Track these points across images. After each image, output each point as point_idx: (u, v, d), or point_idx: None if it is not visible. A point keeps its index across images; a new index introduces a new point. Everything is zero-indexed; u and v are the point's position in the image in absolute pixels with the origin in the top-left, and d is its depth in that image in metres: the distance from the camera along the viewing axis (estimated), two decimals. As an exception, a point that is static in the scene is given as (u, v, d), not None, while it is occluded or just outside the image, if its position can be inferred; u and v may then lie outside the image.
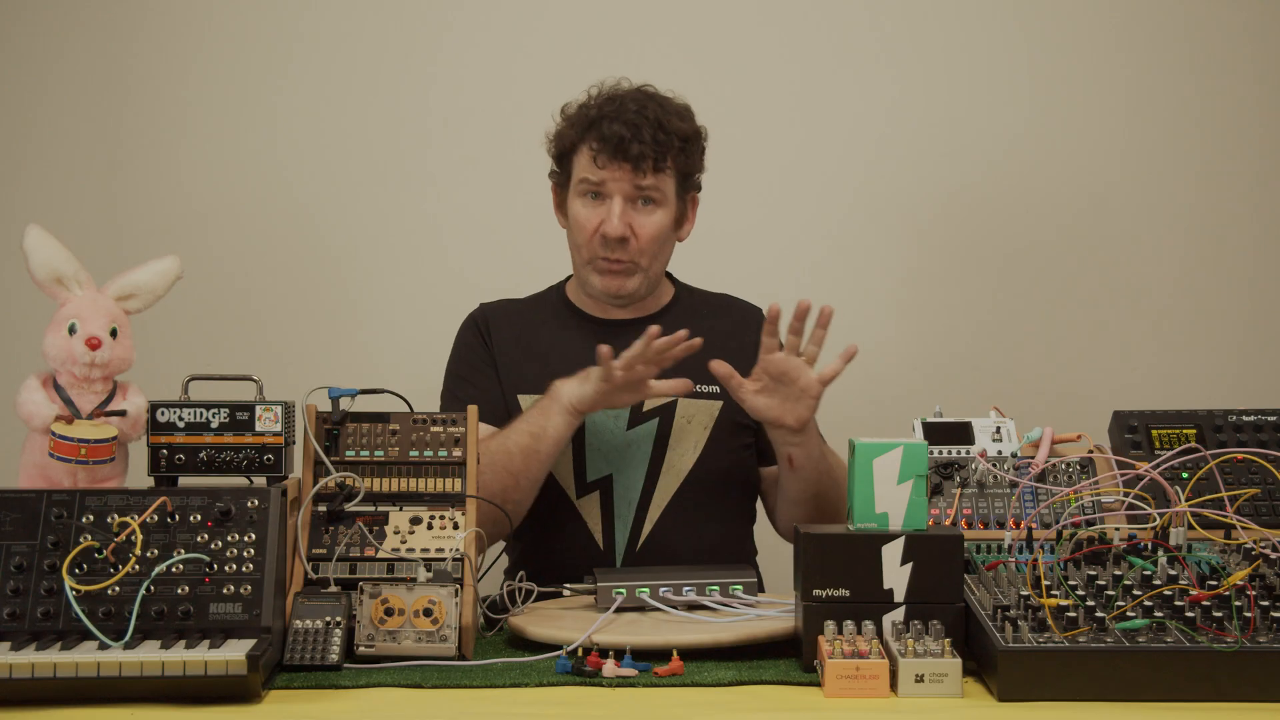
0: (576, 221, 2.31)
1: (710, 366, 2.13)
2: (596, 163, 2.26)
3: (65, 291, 1.84)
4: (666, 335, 2.23)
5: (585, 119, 2.30)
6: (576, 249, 2.34)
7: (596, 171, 2.26)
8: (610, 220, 2.25)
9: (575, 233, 2.32)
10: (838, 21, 3.17)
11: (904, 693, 1.55)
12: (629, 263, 2.30)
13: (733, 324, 2.41)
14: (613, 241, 2.27)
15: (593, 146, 2.27)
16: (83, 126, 3.12)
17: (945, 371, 3.12)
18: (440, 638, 1.71)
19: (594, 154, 2.26)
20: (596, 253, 2.30)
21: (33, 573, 1.67)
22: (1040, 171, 3.17)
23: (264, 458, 1.82)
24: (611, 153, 2.25)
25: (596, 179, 2.27)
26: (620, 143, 2.24)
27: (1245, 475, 2.06)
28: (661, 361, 2.13)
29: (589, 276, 2.33)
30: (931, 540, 1.66)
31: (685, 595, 1.91)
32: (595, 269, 2.31)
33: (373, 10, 3.14)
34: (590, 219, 2.29)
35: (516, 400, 2.32)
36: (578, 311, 2.41)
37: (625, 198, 2.26)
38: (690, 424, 2.30)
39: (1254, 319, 3.17)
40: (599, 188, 2.27)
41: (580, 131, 2.30)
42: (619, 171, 2.25)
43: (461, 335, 2.43)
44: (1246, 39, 3.17)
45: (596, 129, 2.27)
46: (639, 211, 2.28)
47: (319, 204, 3.14)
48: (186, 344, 2.90)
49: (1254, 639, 1.56)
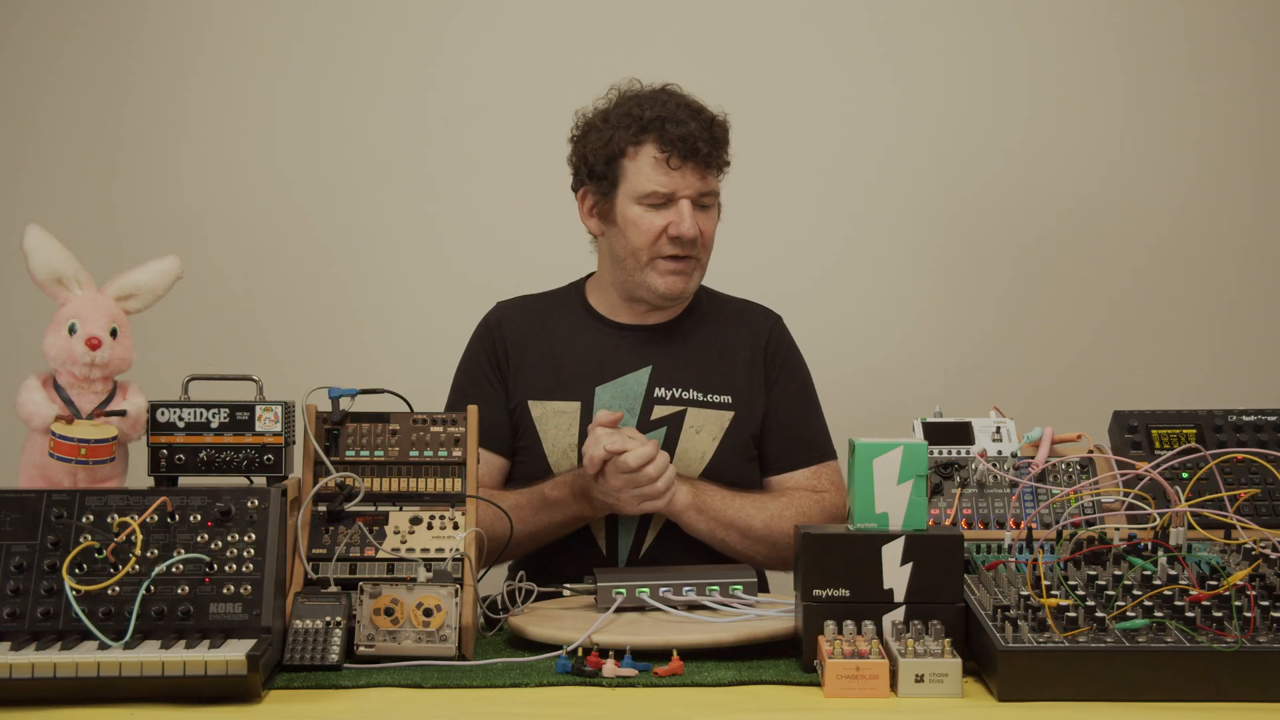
0: (638, 227, 2.23)
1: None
2: (669, 164, 2.21)
3: (65, 291, 1.84)
4: (680, 342, 2.28)
5: (638, 121, 2.23)
6: (633, 253, 2.26)
7: (666, 175, 2.21)
8: (684, 222, 2.20)
9: (635, 237, 2.24)
10: (839, 23, 3.17)
11: (904, 693, 1.55)
12: (694, 260, 2.26)
13: (750, 331, 2.38)
14: (685, 242, 2.23)
15: (661, 149, 2.21)
16: (83, 126, 3.12)
17: (945, 371, 3.12)
18: (440, 638, 1.71)
19: (664, 157, 2.21)
20: (661, 252, 2.24)
21: (33, 573, 1.66)
22: (1040, 173, 3.17)
23: (264, 458, 1.82)
24: (685, 153, 2.20)
25: (668, 184, 2.21)
26: (693, 144, 2.20)
27: (1245, 475, 2.06)
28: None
29: (648, 279, 2.26)
30: (931, 540, 1.66)
31: (685, 595, 1.91)
32: (658, 270, 2.25)
33: (373, 11, 3.14)
34: (655, 222, 2.22)
35: (527, 406, 2.30)
36: (598, 316, 2.37)
37: (692, 201, 2.23)
38: (699, 434, 2.28)
39: (1254, 319, 3.17)
40: (667, 196, 2.22)
41: (634, 134, 2.23)
42: (690, 174, 2.22)
43: (472, 344, 2.39)
44: (1245, 39, 3.17)
45: (657, 130, 2.21)
46: (701, 211, 2.25)
47: (319, 204, 3.14)
48: (186, 344, 2.90)
49: (1254, 639, 1.56)
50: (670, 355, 2.32)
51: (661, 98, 2.26)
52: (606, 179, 2.26)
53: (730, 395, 2.30)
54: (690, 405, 2.28)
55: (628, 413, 2.26)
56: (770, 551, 2.18)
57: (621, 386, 2.28)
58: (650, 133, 2.22)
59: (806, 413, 2.37)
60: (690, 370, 2.31)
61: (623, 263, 2.28)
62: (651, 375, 2.30)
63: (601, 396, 2.28)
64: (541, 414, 2.29)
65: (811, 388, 2.40)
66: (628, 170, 2.24)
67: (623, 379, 2.29)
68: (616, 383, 2.29)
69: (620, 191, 2.25)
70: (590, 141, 2.28)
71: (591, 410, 2.25)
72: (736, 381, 2.32)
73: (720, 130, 2.26)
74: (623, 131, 2.24)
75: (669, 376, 2.30)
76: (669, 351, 2.32)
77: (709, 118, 2.25)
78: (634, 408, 2.27)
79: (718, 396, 2.30)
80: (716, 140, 2.24)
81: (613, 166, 2.25)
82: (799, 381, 2.38)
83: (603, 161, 2.26)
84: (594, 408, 2.26)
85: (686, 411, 2.29)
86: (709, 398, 2.29)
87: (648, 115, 2.22)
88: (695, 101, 2.28)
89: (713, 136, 2.23)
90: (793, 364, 2.39)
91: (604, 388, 2.29)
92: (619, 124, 2.24)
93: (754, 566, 2.21)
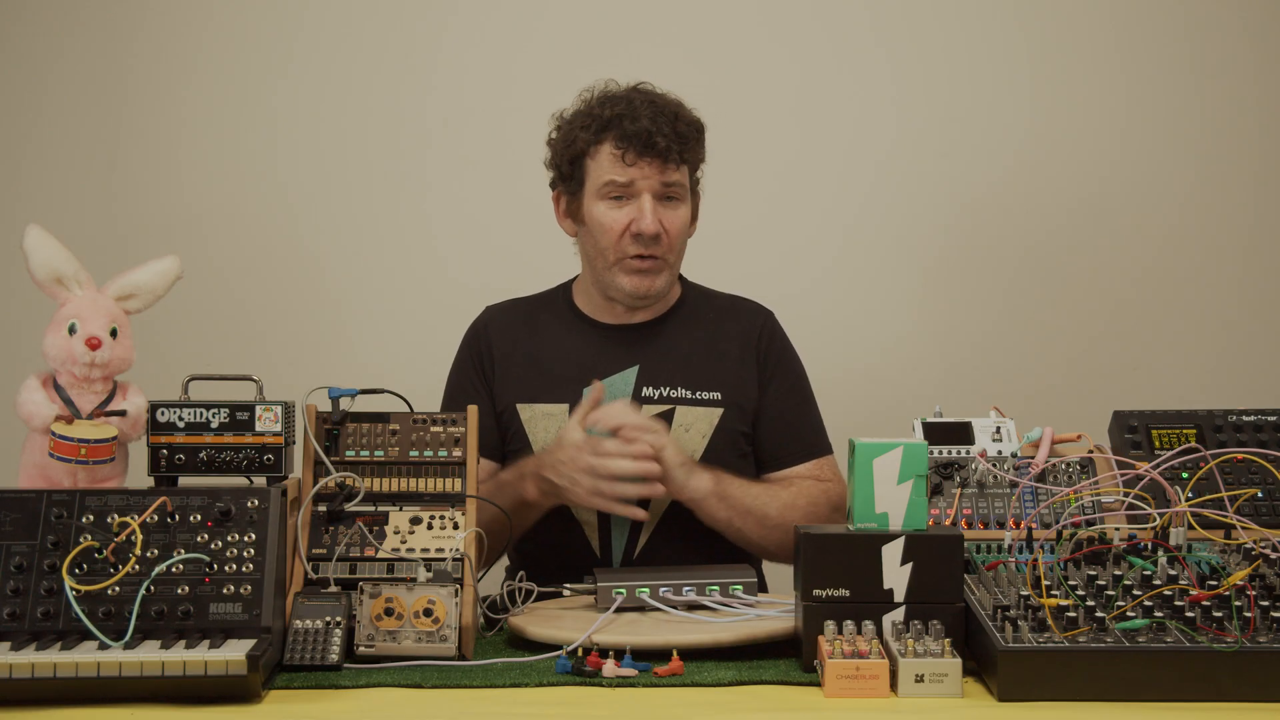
0: (601, 224, 2.26)
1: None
2: (624, 160, 2.22)
3: (65, 291, 1.84)
4: (667, 340, 2.25)
5: (598, 120, 2.25)
6: (600, 253, 2.28)
7: (624, 170, 2.23)
8: (645, 218, 2.22)
9: (599, 236, 2.27)
10: (839, 23, 3.17)
11: (904, 693, 1.55)
12: (659, 259, 2.27)
13: (740, 327, 2.39)
14: (647, 239, 2.23)
15: (617, 145, 2.23)
16: (83, 126, 3.12)
17: (945, 371, 3.12)
18: (440, 638, 1.71)
19: (620, 153, 2.22)
20: (626, 252, 2.26)
21: (33, 573, 1.66)
22: (1040, 173, 3.17)
23: (264, 458, 1.82)
24: (640, 149, 2.21)
25: (625, 179, 2.23)
26: (648, 138, 2.20)
27: (1245, 475, 2.06)
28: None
29: (615, 279, 2.28)
30: (931, 540, 1.66)
31: (685, 595, 1.91)
32: (624, 269, 2.27)
33: (372, 11, 3.14)
34: (618, 220, 2.24)
35: (515, 410, 2.31)
36: (583, 317, 2.38)
37: (654, 195, 2.24)
38: (689, 432, 2.28)
39: (1254, 319, 3.17)
40: (626, 189, 2.24)
41: (595, 133, 2.25)
42: (648, 168, 2.22)
43: (461, 351, 2.41)
44: (1245, 39, 3.17)
45: (616, 127, 2.23)
46: (665, 208, 2.26)
47: (319, 204, 3.14)
48: (186, 344, 2.90)
49: (1254, 639, 1.56)
50: (657, 354, 2.32)
51: (627, 96, 2.27)
52: (574, 179, 2.30)
53: (719, 391, 2.30)
54: (679, 403, 2.29)
55: None
56: (783, 538, 2.17)
57: (609, 387, 2.28)
58: (609, 131, 2.24)
59: (803, 408, 2.37)
60: (677, 368, 2.31)
61: (593, 263, 2.31)
62: (639, 375, 2.30)
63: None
64: (530, 416, 2.29)
65: (806, 383, 2.41)
66: (590, 169, 2.27)
67: (610, 379, 2.29)
68: (604, 383, 2.29)
69: (585, 190, 2.28)
70: (557, 143, 2.32)
71: None
72: (726, 377, 2.32)
73: (685, 125, 2.25)
74: (583, 131, 2.27)
75: (656, 375, 2.30)
76: (655, 350, 2.33)
77: (672, 113, 2.25)
78: None
79: (706, 393, 2.30)
80: (680, 135, 2.23)
81: (577, 166, 2.29)
82: (794, 377, 2.38)
83: (568, 161, 2.30)
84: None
85: (675, 410, 2.29)
86: (697, 395, 2.29)
87: (606, 114, 2.25)
88: (662, 98, 2.28)
89: (675, 131, 2.23)
90: (787, 360, 2.39)
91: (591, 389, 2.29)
92: (580, 124, 2.28)
93: (763, 556, 2.22)
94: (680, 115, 2.26)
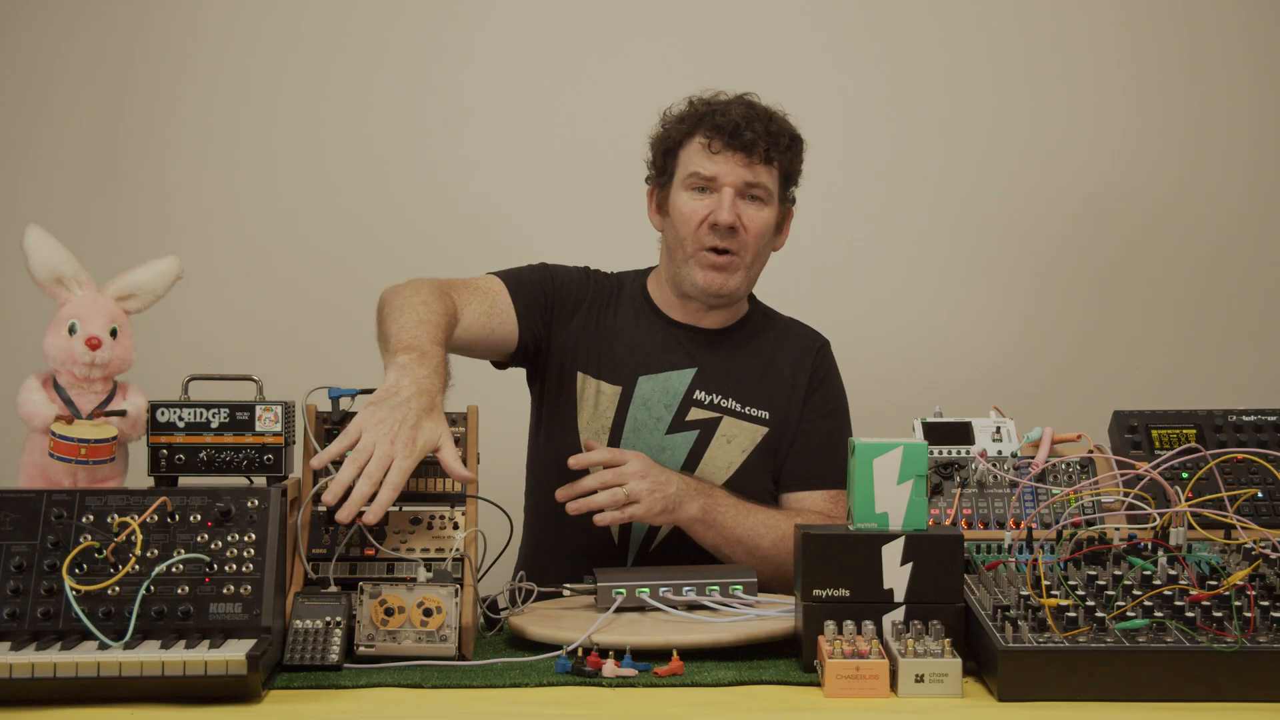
0: (681, 214, 2.28)
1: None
2: (710, 149, 2.25)
3: (65, 291, 1.83)
4: (729, 351, 2.30)
5: (694, 115, 2.30)
6: (679, 243, 2.30)
7: (709, 161, 2.25)
8: (722, 208, 2.24)
9: (680, 225, 2.29)
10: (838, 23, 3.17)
11: (904, 693, 1.55)
12: (735, 256, 2.27)
13: (793, 352, 2.39)
14: (723, 230, 2.24)
15: (705, 135, 2.26)
16: (83, 127, 3.12)
17: (945, 371, 3.12)
18: (440, 638, 1.71)
19: (706, 142, 2.26)
20: (703, 243, 2.27)
21: (33, 573, 1.66)
22: (1040, 174, 3.17)
23: (264, 458, 1.82)
24: (726, 140, 2.24)
25: (709, 171, 2.25)
26: (735, 130, 2.24)
27: (1245, 475, 2.06)
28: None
29: (690, 272, 2.29)
30: (931, 540, 1.66)
31: (685, 595, 1.91)
32: (699, 263, 2.28)
33: (373, 11, 3.14)
34: (698, 210, 2.26)
35: (575, 375, 2.31)
36: (654, 308, 2.39)
37: (735, 190, 2.25)
38: (730, 444, 2.29)
39: (1254, 319, 3.17)
40: (710, 181, 2.26)
41: (690, 126, 2.30)
42: (733, 161, 2.25)
43: (528, 267, 2.38)
44: (1244, 39, 3.17)
45: (708, 120, 2.27)
46: (747, 205, 2.27)
47: (318, 204, 3.14)
48: (186, 344, 2.90)
49: (1254, 639, 1.56)
50: (717, 361, 2.33)
51: (726, 98, 2.32)
52: (665, 172, 2.34)
53: (768, 411, 2.31)
54: (727, 414, 2.30)
55: (664, 409, 2.28)
56: (774, 571, 2.15)
57: (664, 381, 2.30)
58: (702, 124, 2.28)
59: (835, 437, 2.33)
60: (733, 380, 2.32)
61: (673, 254, 2.33)
62: (695, 377, 2.31)
63: (643, 387, 2.30)
64: (584, 387, 2.30)
65: (846, 416, 2.40)
66: (680, 160, 2.31)
67: (667, 374, 2.31)
68: (660, 376, 2.30)
69: (674, 182, 2.32)
70: (656, 138, 2.36)
71: (632, 398, 2.28)
72: (777, 400, 2.33)
73: (778, 126, 2.29)
74: (679, 124, 2.32)
75: (711, 383, 2.31)
76: (716, 358, 2.34)
77: (766, 114, 2.29)
78: (671, 404, 2.29)
79: (756, 411, 2.31)
80: (770, 134, 2.26)
81: (670, 159, 2.33)
82: (833, 405, 2.38)
83: (662, 154, 2.35)
84: (634, 397, 2.28)
85: (722, 419, 2.30)
86: (747, 410, 2.30)
87: (702, 110, 2.30)
88: (763, 105, 2.32)
89: (766, 130, 2.26)
90: (831, 387, 2.39)
91: (647, 379, 2.30)
92: (678, 118, 2.33)
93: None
94: (775, 118, 2.30)
